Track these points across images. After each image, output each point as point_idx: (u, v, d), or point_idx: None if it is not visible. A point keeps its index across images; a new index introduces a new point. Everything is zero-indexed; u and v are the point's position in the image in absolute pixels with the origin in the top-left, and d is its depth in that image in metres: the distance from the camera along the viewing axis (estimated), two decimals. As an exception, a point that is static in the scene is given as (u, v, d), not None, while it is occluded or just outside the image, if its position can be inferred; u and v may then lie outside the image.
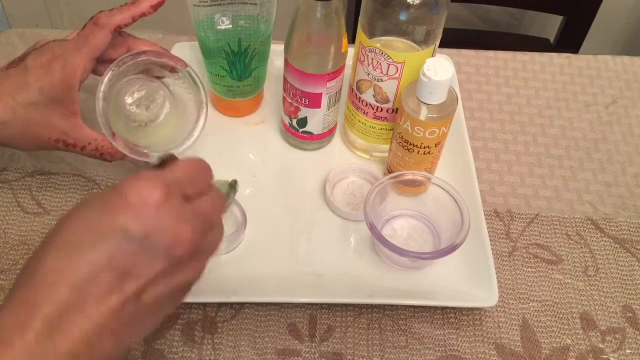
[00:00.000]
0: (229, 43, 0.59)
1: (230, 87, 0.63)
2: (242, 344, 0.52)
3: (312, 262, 0.56)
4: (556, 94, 0.73)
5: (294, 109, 0.59)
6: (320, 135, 0.62)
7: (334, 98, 0.58)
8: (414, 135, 0.54)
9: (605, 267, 0.58)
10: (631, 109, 0.72)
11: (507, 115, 0.70)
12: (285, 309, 0.54)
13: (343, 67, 0.56)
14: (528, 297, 0.56)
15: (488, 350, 0.52)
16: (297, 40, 0.54)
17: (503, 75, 0.75)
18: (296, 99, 0.57)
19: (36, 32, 0.75)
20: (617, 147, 0.68)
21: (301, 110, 0.58)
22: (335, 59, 0.55)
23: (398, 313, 0.54)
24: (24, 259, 0.55)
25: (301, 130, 0.61)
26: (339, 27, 0.53)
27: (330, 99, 0.58)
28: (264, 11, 0.57)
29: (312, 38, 0.54)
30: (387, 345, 0.52)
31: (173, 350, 0.51)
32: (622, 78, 0.75)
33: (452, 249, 0.51)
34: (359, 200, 0.60)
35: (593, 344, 0.53)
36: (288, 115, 0.60)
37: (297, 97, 0.57)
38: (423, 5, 0.51)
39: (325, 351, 0.52)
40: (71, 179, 0.61)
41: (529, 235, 0.60)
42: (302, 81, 0.56)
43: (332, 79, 0.56)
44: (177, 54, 0.69)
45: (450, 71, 0.51)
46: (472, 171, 0.60)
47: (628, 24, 1.48)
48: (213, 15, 0.57)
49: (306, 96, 0.57)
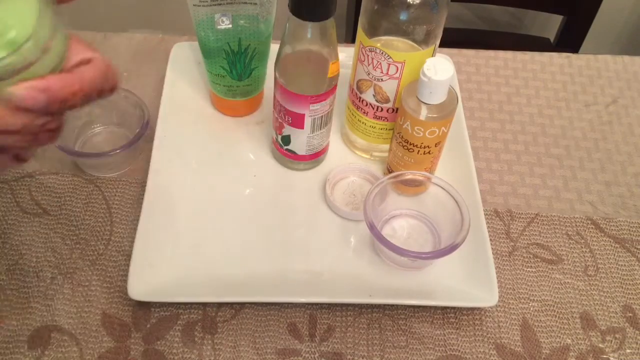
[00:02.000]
0: (229, 43, 0.59)
1: (230, 87, 0.63)
2: (242, 344, 0.52)
3: (312, 262, 0.56)
4: (556, 93, 0.73)
5: (278, 124, 0.58)
6: (305, 157, 0.60)
7: (320, 121, 0.57)
8: (414, 135, 0.54)
9: (605, 267, 0.58)
10: (631, 109, 0.72)
11: (507, 115, 0.70)
12: (285, 309, 0.54)
13: (330, 92, 0.55)
14: (528, 297, 0.56)
15: (488, 350, 0.52)
16: (283, 56, 0.53)
17: (503, 74, 0.75)
18: (281, 116, 0.57)
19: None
20: (617, 146, 0.68)
21: (285, 128, 0.57)
22: (318, 83, 0.53)
23: (398, 313, 0.54)
24: (24, 259, 0.55)
25: (285, 148, 0.60)
26: (327, 51, 0.52)
27: (314, 121, 0.56)
28: (264, 11, 0.57)
29: (297, 57, 0.53)
30: (387, 345, 0.52)
31: (173, 351, 0.51)
32: (622, 78, 0.75)
33: (452, 249, 0.51)
34: (359, 200, 0.60)
35: (593, 344, 0.53)
36: (274, 130, 0.60)
37: (282, 114, 0.56)
38: (423, 4, 0.51)
39: (325, 351, 0.52)
40: (70, 179, 0.61)
41: (529, 235, 0.60)
42: (286, 99, 0.54)
43: (315, 102, 0.54)
44: (177, 54, 0.69)
45: (450, 71, 0.51)
46: (472, 171, 0.60)
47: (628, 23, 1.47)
48: (213, 15, 0.57)
49: (289, 114, 0.55)
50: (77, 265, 0.55)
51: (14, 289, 0.53)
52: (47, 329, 0.51)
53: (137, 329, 0.52)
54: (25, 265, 0.55)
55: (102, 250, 0.56)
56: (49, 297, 0.53)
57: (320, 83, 0.54)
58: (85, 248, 0.56)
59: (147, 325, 0.52)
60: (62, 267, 0.55)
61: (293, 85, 0.53)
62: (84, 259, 0.56)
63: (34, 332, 0.51)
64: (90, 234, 0.57)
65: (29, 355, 0.50)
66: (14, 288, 0.53)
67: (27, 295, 0.53)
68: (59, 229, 0.57)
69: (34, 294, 0.53)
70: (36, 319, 0.52)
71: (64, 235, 0.57)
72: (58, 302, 0.53)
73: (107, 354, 0.50)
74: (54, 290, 0.54)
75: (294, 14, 0.49)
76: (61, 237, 0.57)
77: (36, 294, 0.53)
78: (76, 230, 0.57)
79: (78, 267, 0.55)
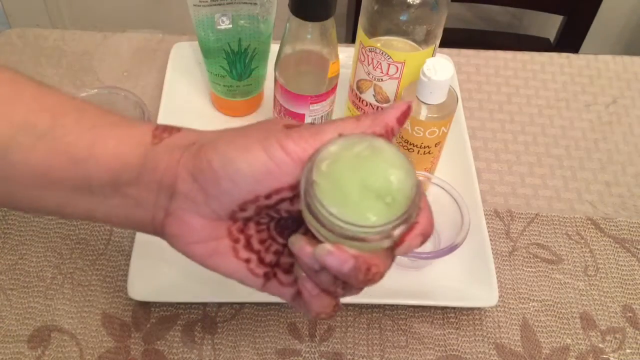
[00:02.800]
0: (229, 43, 0.59)
1: (230, 87, 0.63)
2: (242, 344, 0.52)
3: (312, 262, 0.56)
4: (556, 93, 0.73)
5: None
6: None
7: (320, 121, 0.56)
8: (414, 135, 0.54)
9: (605, 267, 0.58)
10: (631, 109, 0.72)
11: (507, 115, 0.70)
12: (285, 309, 0.54)
13: (330, 92, 0.55)
14: (528, 297, 0.56)
15: (488, 350, 0.52)
16: (284, 56, 0.53)
17: (503, 75, 0.75)
18: (281, 116, 0.57)
19: (36, 31, 0.75)
20: (617, 146, 0.68)
21: None
22: (318, 83, 0.53)
23: (398, 313, 0.54)
24: (24, 259, 0.55)
25: None
26: (327, 51, 0.52)
27: (314, 122, 0.56)
28: (264, 11, 0.57)
29: (297, 57, 0.53)
30: (387, 345, 0.52)
31: (173, 351, 0.51)
32: (622, 78, 0.75)
33: (452, 249, 0.51)
34: (359, 200, 0.60)
35: (593, 344, 0.53)
36: None
37: (282, 114, 0.56)
38: (423, 4, 0.51)
39: (325, 351, 0.52)
40: (71, 178, 0.61)
41: (529, 235, 0.60)
42: (286, 98, 0.55)
43: (315, 102, 0.54)
44: (177, 54, 0.69)
45: (450, 71, 0.51)
46: (472, 171, 0.60)
47: (628, 23, 1.47)
48: (213, 15, 0.57)
49: (289, 114, 0.56)
50: (77, 265, 0.55)
51: (14, 289, 0.53)
52: (47, 329, 0.51)
53: (137, 328, 0.52)
54: (25, 265, 0.55)
55: (102, 250, 0.56)
56: (49, 297, 0.53)
57: (320, 83, 0.53)
58: (85, 248, 0.56)
59: (147, 325, 0.52)
60: (62, 267, 0.55)
61: (293, 85, 0.53)
62: (84, 259, 0.56)
63: (34, 332, 0.51)
64: (90, 234, 0.57)
65: (29, 355, 0.50)
66: (14, 288, 0.53)
67: (27, 295, 0.53)
68: (58, 229, 0.57)
69: (34, 293, 0.53)
70: (36, 319, 0.52)
71: (64, 235, 0.57)
72: (58, 302, 0.53)
73: (107, 354, 0.50)
74: (54, 290, 0.54)
75: (294, 13, 0.49)
76: (61, 237, 0.57)
77: (36, 293, 0.53)
78: (76, 230, 0.57)
79: (78, 267, 0.55)
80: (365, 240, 0.30)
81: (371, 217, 0.30)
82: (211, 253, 0.34)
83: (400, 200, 0.30)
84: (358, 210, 0.30)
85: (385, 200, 0.30)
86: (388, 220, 0.30)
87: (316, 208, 0.30)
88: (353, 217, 0.30)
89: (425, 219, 0.32)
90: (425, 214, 0.32)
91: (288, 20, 0.50)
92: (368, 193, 0.30)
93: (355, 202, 0.30)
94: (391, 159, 0.31)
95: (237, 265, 0.34)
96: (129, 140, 0.34)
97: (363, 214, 0.30)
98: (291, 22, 0.50)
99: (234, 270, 0.35)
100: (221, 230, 0.33)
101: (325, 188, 0.30)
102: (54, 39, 0.74)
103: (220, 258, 0.34)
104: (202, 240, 0.33)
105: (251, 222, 0.34)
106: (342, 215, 0.30)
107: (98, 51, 0.73)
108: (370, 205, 0.30)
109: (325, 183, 0.30)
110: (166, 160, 0.33)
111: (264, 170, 0.31)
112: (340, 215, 0.30)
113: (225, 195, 0.31)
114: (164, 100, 0.64)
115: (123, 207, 0.34)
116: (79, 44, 0.74)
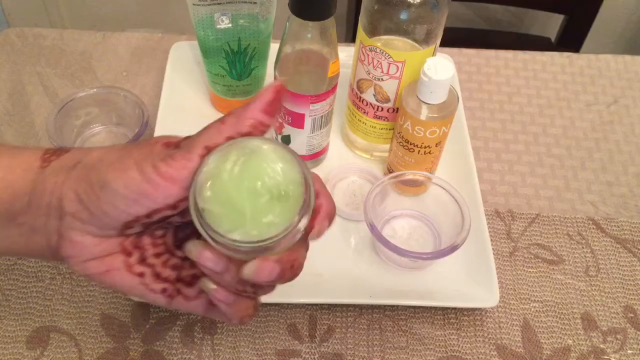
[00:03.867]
0: (228, 42, 0.59)
1: (230, 87, 0.63)
2: (241, 345, 0.51)
3: (312, 262, 0.55)
4: (557, 93, 0.73)
5: (278, 124, 0.58)
6: (305, 157, 0.60)
7: (320, 121, 0.56)
8: (415, 135, 0.54)
9: (606, 268, 0.58)
10: (632, 109, 0.72)
11: (508, 115, 0.70)
12: (285, 309, 0.53)
13: (330, 91, 0.54)
14: (529, 298, 0.56)
15: (489, 350, 0.52)
16: (283, 55, 0.52)
17: (504, 74, 0.74)
18: (281, 115, 0.56)
19: (35, 31, 0.75)
20: (618, 146, 0.68)
21: (285, 128, 0.57)
22: (318, 82, 0.53)
23: (398, 313, 0.54)
24: (22, 260, 0.55)
25: None
26: (327, 51, 0.52)
27: (315, 121, 0.56)
28: (263, 10, 0.57)
29: (297, 57, 0.52)
30: (387, 346, 0.52)
31: (172, 352, 0.51)
32: (623, 77, 0.75)
33: (453, 249, 0.51)
34: (359, 200, 0.60)
35: (594, 345, 0.53)
36: (274, 129, 0.59)
37: (282, 114, 0.56)
38: (424, 4, 0.51)
39: (325, 352, 0.51)
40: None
41: (530, 235, 0.60)
42: (286, 98, 0.54)
43: (315, 102, 0.54)
44: (176, 54, 0.69)
45: (451, 70, 0.51)
46: (472, 171, 0.60)
47: (629, 23, 1.47)
48: (213, 14, 0.57)
49: (289, 114, 0.55)
50: (76, 265, 0.55)
51: (12, 290, 0.53)
52: (46, 330, 0.51)
53: (136, 329, 0.52)
54: (24, 266, 0.55)
55: (101, 251, 0.56)
56: (48, 298, 0.53)
57: (320, 83, 0.53)
58: (84, 248, 0.56)
59: (147, 325, 0.52)
60: (61, 268, 0.55)
61: (293, 84, 0.53)
62: (83, 259, 0.55)
63: (32, 333, 0.51)
64: (89, 234, 0.57)
65: (27, 356, 0.50)
66: (12, 288, 0.53)
67: (26, 296, 0.53)
68: (58, 229, 0.57)
69: (32, 294, 0.53)
70: (35, 320, 0.52)
71: (63, 235, 0.57)
72: (57, 303, 0.53)
73: (106, 355, 0.50)
74: (52, 290, 0.53)
75: (294, 13, 0.49)
76: (60, 237, 0.56)
77: (35, 294, 0.53)
78: (75, 231, 0.57)
79: (77, 267, 0.55)
80: (277, 246, 0.30)
81: (273, 220, 0.29)
82: (106, 269, 0.33)
83: (294, 190, 0.30)
84: (258, 224, 0.29)
85: (279, 197, 0.29)
86: (290, 218, 0.29)
87: (216, 236, 0.29)
88: (256, 234, 0.29)
89: (326, 200, 0.32)
90: (324, 196, 0.32)
91: (288, 19, 0.50)
92: (260, 198, 0.29)
93: (252, 216, 0.29)
94: (269, 156, 0.30)
95: (132, 281, 0.34)
96: (17, 169, 0.34)
97: (265, 225, 0.29)
98: (291, 21, 0.50)
99: (130, 286, 0.34)
100: (114, 246, 0.33)
101: (217, 213, 0.29)
102: (53, 38, 0.74)
103: (115, 273, 0.33)
104: (96, 257, 0.33)
105: (145, 236, 0.34)
106: (246, 237, 0.29)
107: (97, 51, 0.73)
108: (267, 209, 0.29)
109: (215, 208, 0.29)
110: (52, 182, 0.33)
111: (140, 192, 0.30)
112: (244, 238, 0.29)
113: (107, 215, 0.31)
114: (163, 100, 0.64)
115: (20, 237, 0.34)
116: (78, 44, 0.74)
